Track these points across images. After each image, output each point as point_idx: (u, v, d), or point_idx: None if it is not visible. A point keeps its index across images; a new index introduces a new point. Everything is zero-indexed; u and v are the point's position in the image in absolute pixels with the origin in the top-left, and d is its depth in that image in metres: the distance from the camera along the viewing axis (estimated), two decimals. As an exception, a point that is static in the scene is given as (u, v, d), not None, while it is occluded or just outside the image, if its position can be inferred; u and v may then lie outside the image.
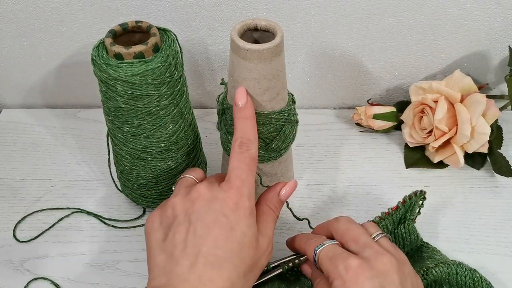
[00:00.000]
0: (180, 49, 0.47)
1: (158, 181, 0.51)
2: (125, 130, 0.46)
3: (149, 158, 0.49)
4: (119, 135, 0.47)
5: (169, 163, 0.50)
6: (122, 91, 0.42)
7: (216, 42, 0.63)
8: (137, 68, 0.41)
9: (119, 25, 0.44)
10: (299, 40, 0.62)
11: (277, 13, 0.59)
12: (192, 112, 0.52)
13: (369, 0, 0.58)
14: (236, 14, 0.59)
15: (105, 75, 0.42)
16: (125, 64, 0.41)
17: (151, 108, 0.44)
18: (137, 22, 0.45)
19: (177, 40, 0.46)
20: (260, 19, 0.45)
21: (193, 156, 0.52)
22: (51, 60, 0.66)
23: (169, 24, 0.60)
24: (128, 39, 0.45)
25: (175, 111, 0.46)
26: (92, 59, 0.43)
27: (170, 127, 0.47)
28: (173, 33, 0.46)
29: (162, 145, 0.48)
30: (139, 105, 0.43)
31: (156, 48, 0.43)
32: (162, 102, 0.44)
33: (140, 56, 0.42)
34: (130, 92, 0.42)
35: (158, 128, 0.46)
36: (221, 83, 0.51)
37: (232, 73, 0.46)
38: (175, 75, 0.44)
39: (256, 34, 0.47)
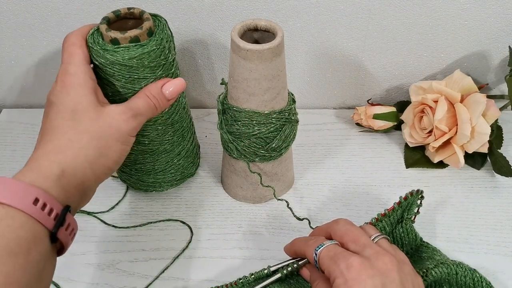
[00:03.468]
0: (171, 33, 0.47)
1: (155, 165, 0.52)
2: None
3: (147, 141, 0.50)
4: None
5: (165, 146, 0.51)
6: (119, 75, 0.43)
7: (216, 42, 0.63)
8: (133, 51, 0.42)
9: (112, 12, 0.45)
10: (299, 40, 0.62)
11: (277, 13, 0.59)
12: (185, 95, 0.52)
13: (369, 0, 0.58)
14: (236, 14, 0.59)
15: (102, 60, 0.43)
16: (122, 48, 0.42)
17: None
18: (129, 8, 0.45)
19: (167, 24, 0.47)
20: (260, 19, 0.45)
21: (188, 138, 0.53)
22: (51, 60, 0.65)
23: (169, 24, 0.60)
24: (121, 26, 0.46)
25: None
26: (88, 46, 0.44)
27: (166, 109, 0.48)
28: (163, 18, 0.46)
29: (159, 127, 0.49)
30: (136, 88, 0.44)
31: (150, 32, 0.43)
32: None
33: (135, 40, 0.42)
34: (128, 75, 0.43)
35: None
36: (221, 83, 0.51)
37: (232, 73, 0.46)
38: (169, 58, 0.45)
39: (256, 34, 0.47)
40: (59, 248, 0.36)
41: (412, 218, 0.48)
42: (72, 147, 0.37)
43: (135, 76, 0.43)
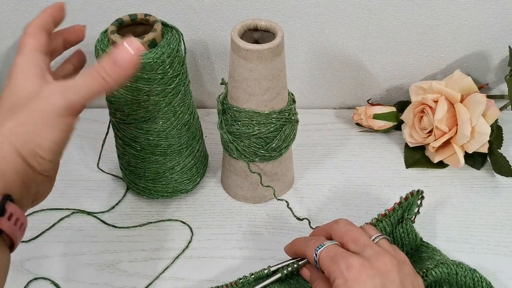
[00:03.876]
0: (185, 50, 0.47)
1: (146, 171, 0.52)
2: (118, 116, 0.47)
3: (138, 148, 0.50)
4: (113, 120, 0.49)
5: (157, 157, 0.50)
6: None
7: (216, 42, 0.63)
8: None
9: (128, 15, 0.45)
10: (299, 40, 0.62)
11: (277, 13, 0.59)
12: (193, 113, 0.52)
13: (369, 0, 0.58)
14: (236, 14, 0.59)
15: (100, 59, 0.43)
16: None
17: (140, 101, 0.45)
18: (146, 15, 0.45)
19: (182, 40, 0.46)
20: (260, 19, 0.45)
21: (186, 155, 0.52)
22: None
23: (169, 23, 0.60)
24: (134, 30, 0.46)
25: (166, 108, 0.47)
26: (96, 43, 0.44)
27: (160, 122, 0.48)
28: (179, 32, 0.46)
29: (151, 138, 0.48)
30: (128, 96, 0.44)
31: (153, 44, 0.43)
32: (152, 97, 0.45)
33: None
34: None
35: (147, 121, 0.47)
36: (221, 83, 0.51)
37: (232, 73, 0.46)
38: (169, 73, 0.45)
39: (256, 34, 0.47)
40: (10, 243, 0.34)
41: (412, 218, 0.48)
42: None
43: (127, 84, 0.43)
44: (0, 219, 0.32)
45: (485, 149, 0.57)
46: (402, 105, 0.64)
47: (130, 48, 0.35)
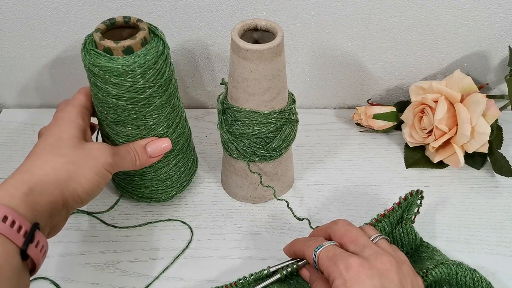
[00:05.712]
0: (170, 64, 0.46)
1: (129, 175, 0.52)
2: (96, 113, 0.48)
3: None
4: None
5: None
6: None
7: (216, 42, 0.63)
8: (127, 61, 0.42)
9: (122, 16, 0.45)
10: (299, 40, 0.62)
11: (277, 13, 0.59)
12: (174, 127, 0.50)
13: (369, 0, 0.58)
14: (236, 14, 0.59)
15: (93, 66, 0.43)
16: (114, 58, 0.42)
17: (109, 102, 0.45)
18: (138, 20, 0.45)
19: (164, 43, 0.45)
20: (260, 19, 0.45)
21: (172, 160, 0.52)
22: (51, 60, 0.65)
23: (169, 24, 0.60)
24: (121, 33, 0.45)
25: (135, 116, 0.46)
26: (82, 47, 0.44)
27: (129, 128, 0.47)
28: (166, 44, 0.45)
29: (120, 140, 0.48)
30: (99, 94, 0.44)
31: (128, 51, 0.42)
32: (120, 102, 0.44)
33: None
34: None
35: (116, 123, 0.46)
36: (221, 83, 0.51)
37: (232, 73, 0.46)
38: (139, 83, 0.43)
39: (256, 34, 0.47)
40: (31, 267, 0.37)
41: (412, 218, 0.48)
42: (43, 168, 0.39)
43: (98, 84, 0.43)
44: (29, 246, 0.35)
45: (485, 149, 0.57)
46: (402, 105, 0.64)
47: (163, 144, 0.48)
